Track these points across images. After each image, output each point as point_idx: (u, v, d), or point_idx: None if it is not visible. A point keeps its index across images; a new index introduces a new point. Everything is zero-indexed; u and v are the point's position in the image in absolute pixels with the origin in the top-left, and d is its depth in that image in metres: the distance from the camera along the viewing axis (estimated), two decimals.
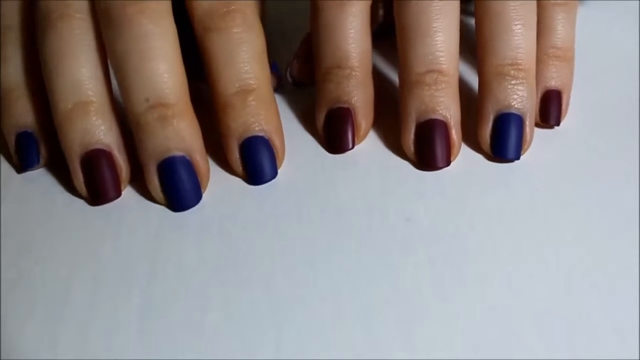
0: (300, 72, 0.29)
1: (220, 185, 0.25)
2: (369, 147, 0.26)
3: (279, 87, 0.29)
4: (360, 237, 0.22)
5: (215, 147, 0.25)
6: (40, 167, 0.25)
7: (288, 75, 0.29)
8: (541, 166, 0.25)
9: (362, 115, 0.26)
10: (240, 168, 0.25)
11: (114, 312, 0.20)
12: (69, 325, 0.19)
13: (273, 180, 0.25)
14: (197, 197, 0.24)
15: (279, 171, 0.25)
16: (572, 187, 0.24)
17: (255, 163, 0.24)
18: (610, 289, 0.20)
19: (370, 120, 0.26)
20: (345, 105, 0.26)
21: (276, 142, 0.25)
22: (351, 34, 0.26)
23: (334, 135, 0.26)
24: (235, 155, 0.24)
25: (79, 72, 0.23)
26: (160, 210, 0.23)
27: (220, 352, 0.18)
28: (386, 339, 0.19)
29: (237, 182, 0.25)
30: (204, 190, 0.24)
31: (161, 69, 0.23)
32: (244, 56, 0.24)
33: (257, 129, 0.24)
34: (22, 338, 0.19)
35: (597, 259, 0.21)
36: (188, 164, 0.23)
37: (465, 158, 0.25)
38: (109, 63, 0.24)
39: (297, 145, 0.26)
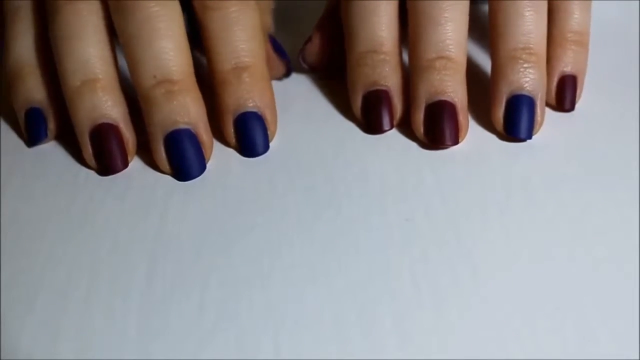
0: (317, 57, 0.30)
1: (220, 156, 0.26)
2: (368, 147, 0.26)
3: (288, 75, 0.30)
4: (359, 237, 0.22)
5: (214, 121, 0.26)
6: (49, 141, 0.27)
7: (301, 59, 0.30)
8: (540, 165, 0.25)
9: (398, 98, 0.27)
10: (234, 141, 0.26)
11: (112, 310, 0.20)
12: (69, 325, 0.19)
13: (269, 157, 0.26)
14: (201, 168, 0.25)
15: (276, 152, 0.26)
16: (575, 184, 0.24)
17: (248, 137, 0.26)
18: (608, 286, 0.20)
19: (404, 104, 0.27)
20: (383, 88, 0.26)
21: (268, 117, 0.26)
22: (385, 20, 0.26)
23: (372, 117, 0.27)
24: (230, 129, 0.26)
25: (86, 52, 0.24)
26: (160, 201, 0.23)
27: (219, 352, 0.18)
28: (383, 339, 0.19)
29: (237, 154, 0.26)
30: (208, 161, 0.25)
31: (168, 47, 0.24)
32: (240, 35, 0.25)
33: (250, 104, 0.25)
34: (22, 337, 0.19)
35: (596, 257, 0.21)
36: (193, 136, 0.24)
37: (465, 159, 0.25)
38: (119, 43, 0.25)
39: (301, 155, 0.26)
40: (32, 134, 0.26)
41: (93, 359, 0.18)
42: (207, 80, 0.26)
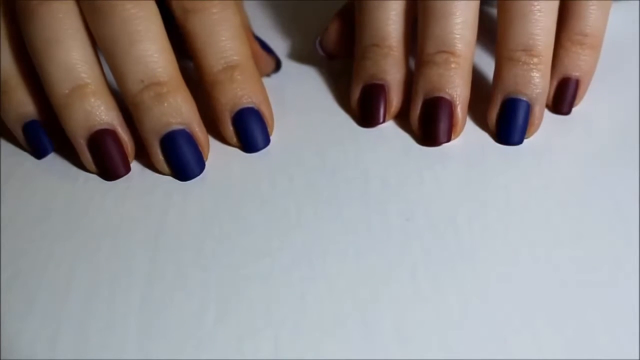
0: (334, 46, 0.30)
1: (218, 157, 0.26)
2: (369, 146, 0.26)
3: (278, 70, 0.30)
4: (360, 237, 0.22)
5: (209, 122, 0.26)
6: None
7: (318, 46, 0.30)
8: (541, 164, 0.25)
9: (394, 93, 0.27)
10: (235, 139, 0.26)
11: (112, 311, 0.20)
12: (69, 325, 0.19)
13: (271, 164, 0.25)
14: (200, 166, 0.25)
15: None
16: (575, 183, 0.24)
17: (248, 133, 0.26)
18: (608, 286, 0.20)
19: (401, 99, 0.27)
20: (380, 82, 0.27)
21: (265, 112, 0.26)
22: (392, 15, 0.27)
23: (367, 109, 0.27)
24: (229, 128, 0.26)
25: (70, 56, 0.23)
26: (160, 201, 0.23)
27: (219, 352, 0.18)
28: (383, 339, 0.19)
29: (234, 154, 0.26)
30: (206, 159, 0.25)
31: (151, 49, 0.23)
32: (225, 34, 0.25)
33: (246, 101, 0.25)
34: (22, 337, 0.19)
35: (595, 258, 0.21)
36: (188, 136, 0.24)
37: (465, 159, 0.25)
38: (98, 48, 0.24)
39: (297, 153, 0.26)
40: (37, 148, 0.26)
41: (93, 359, 0.18)
42: (195, 82, 0.26)
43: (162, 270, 0.21)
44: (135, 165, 0.25)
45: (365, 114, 0.27)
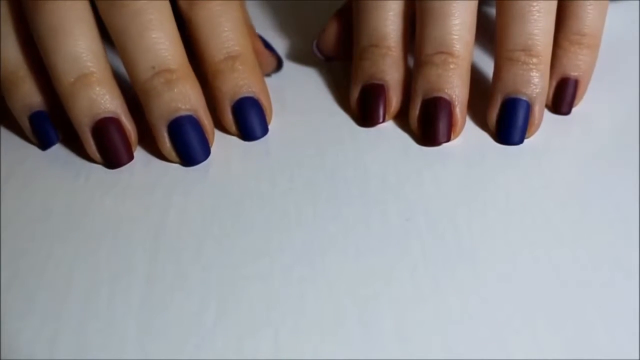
0: (331, 48, 0.30)
1: (218, 156, 0.26)
2: (369, 146, 0.26)
3: (280, 68, 0.30)
4: (360, 237, 0.22)
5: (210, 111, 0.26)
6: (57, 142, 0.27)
7: (315, 48, 0.30)
8: (541, 164, 0.25)
9: (393, 93, 0.27)
10: (234, 127, 0.27)
11: (112, 311, 0.20)
12: (69, 325, 0.19)
13: (271, 177, 0.25)
14: (205, 153, 0.25)
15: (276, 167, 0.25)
16: (575, 184, 0.24)
17: (247, 121, 0.26)
18: (608, 286, 0.20)
19: (401, 99, 0.27)
20: (379, 82, 0.27)
21: (264, 101, 0.27)
22: (390, 16, 0.27)
23: (367, 109, 0.27)
24: (228, 116, 0.26)
25: (76, 46, 0.24)
26: (160, 200, 0.23)
27: (219, 350, 0.18)
28: (383, 339, 0.19)
29: (234, 154, 0.26)
30: (211, 146, 0.26)
31: (162, 37, 0.24)
32: (227, 25, 0.26)
33: (246, 90, 0.26)
34: (22, 336, 0.19)
35: (595, 258, 0.21)
36: (195, 122, 0.25)
37: (465, 159, 0.25)
38: (111, 38, 0.25)
39: (297, 152, 0.26)
40: (42, 139, 0.26)
41: (93, 359, 0.18)
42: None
43: (162, 270, 0.21)
44: (136, 165, 0.25)
45: (365, 114, 0.27)
